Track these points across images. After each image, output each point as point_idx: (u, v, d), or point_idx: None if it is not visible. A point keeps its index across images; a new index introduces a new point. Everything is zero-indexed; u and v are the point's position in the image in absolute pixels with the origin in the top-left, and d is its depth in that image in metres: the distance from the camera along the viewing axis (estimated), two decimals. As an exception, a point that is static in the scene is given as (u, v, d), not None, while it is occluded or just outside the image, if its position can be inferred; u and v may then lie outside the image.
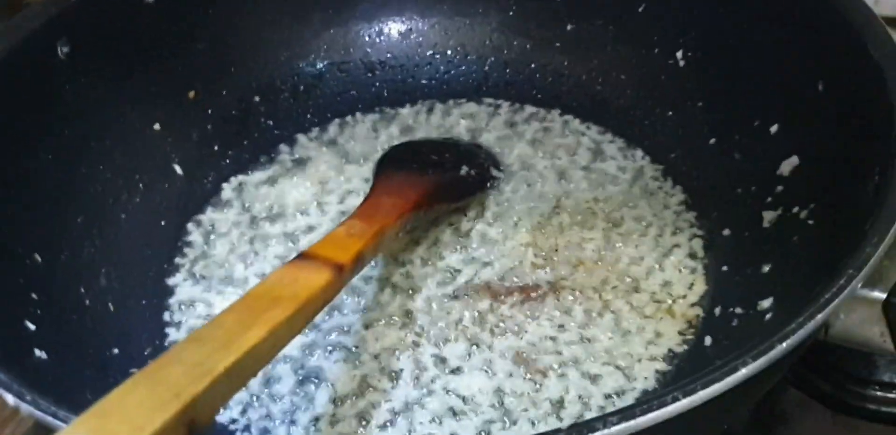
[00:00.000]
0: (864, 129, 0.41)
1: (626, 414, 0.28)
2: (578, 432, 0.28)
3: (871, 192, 0.37)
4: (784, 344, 0.30)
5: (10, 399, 0.32)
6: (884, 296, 0.36)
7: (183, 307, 0.53)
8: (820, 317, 0.31)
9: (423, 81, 0.64)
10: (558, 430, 0.28)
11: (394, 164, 0.55)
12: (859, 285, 0.32)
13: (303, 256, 0.41)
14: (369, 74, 0.65)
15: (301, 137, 0.62)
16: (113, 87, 0.55)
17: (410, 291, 0.51)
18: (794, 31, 0.47)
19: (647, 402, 0.28)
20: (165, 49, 0.58)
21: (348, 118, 0.63)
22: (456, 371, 0.47)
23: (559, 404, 0.45)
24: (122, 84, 0.56)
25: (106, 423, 0.27)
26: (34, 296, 0.44)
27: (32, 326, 0.42)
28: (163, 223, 0.56)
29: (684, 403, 0.28)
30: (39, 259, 0.47)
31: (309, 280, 0.38)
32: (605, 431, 0.28)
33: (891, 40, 0.40)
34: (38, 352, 0.41)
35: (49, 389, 0.33)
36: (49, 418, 0.31)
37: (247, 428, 0.46)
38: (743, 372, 0.29)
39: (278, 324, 0.35)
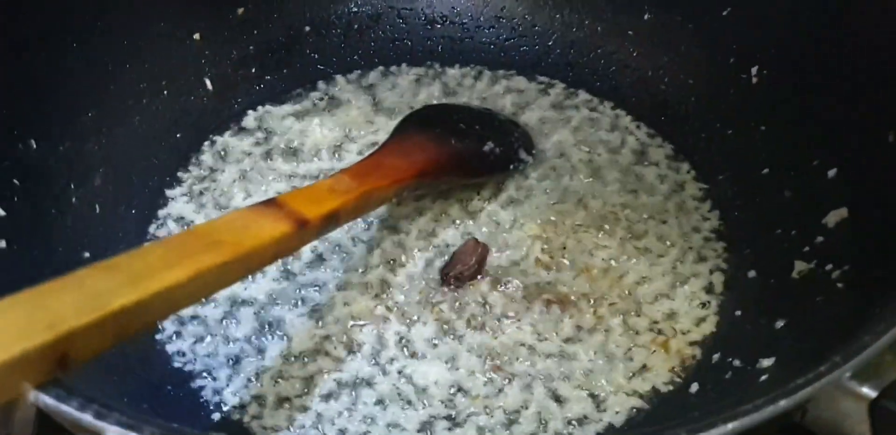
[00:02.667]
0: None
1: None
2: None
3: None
4: (729, 425, 0.25)
5: None
6: (874, 394, 0.29)
7: (170, 222, 0.47)
8: (783, 403, 0.26)
9: (481, 44, 0.57)
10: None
11: (416, 124, 0.48)
12: (847, 376, 0.27)
13: (270, 202, 0.35)
14: (428, 26, 0.57)
15: (340, 78, 0.55)
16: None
17: (395, 262, 0.45)
18: (879, 75, 0.39)
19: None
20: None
21: (393, 68, 0.56)
22: (417, 356, 0.41)
23: (514, 418, 0.39)
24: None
25: None
26: (16, 182, 0.39)
27: (2, 212, 0.38)
28: (178, 136, 0.51)
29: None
30: (34, 145, 0.41)
31: (262, 229, 0.32)
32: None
33: None
34: (-3, 240, 0.36)
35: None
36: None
37: (191, 362, 0.41)
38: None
39: (207, 269, 0.29)
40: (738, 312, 0.42)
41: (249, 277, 0.43)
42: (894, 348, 0.28)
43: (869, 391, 0.29)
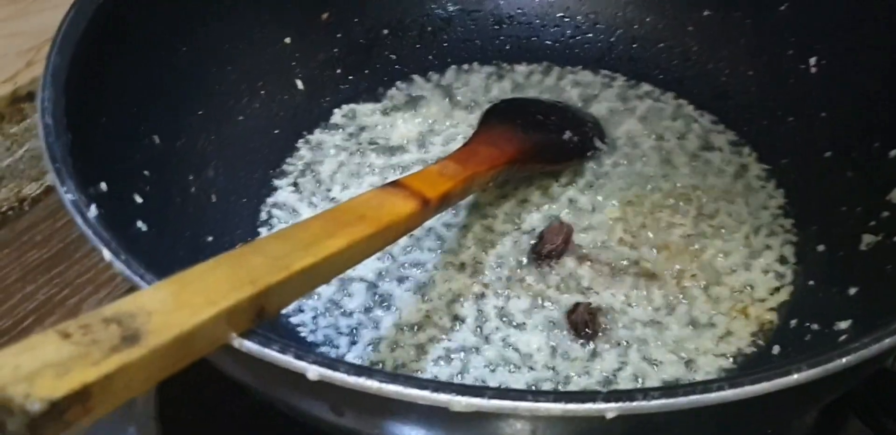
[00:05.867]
0: None
1: (667, 392, 0.26)
2: (616, 398, 0.26)
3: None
4: (844, 359, 0.27)
5: (107, 254, 0.31)
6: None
7: (277, 210, 0.51)
8: (888, 341, 0.28)
9: (547, 42, 0.60)
10: (597, 392, 0.26)
11: (499, 116, 0.52)
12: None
13: (395, 184, 0.38)
14: (496, 27, 0.61)
15: (417, 78, 0.58)
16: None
17: (486, 243, 0.48)
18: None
19: (691, 385, 0.26)
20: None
21: (465, 66, 0.59)
22: (517, 326, 0.44)
23: (612, 378, 0.42)
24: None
25: (185, 290, 0.26)
26: (146, 173, 0.43)
27: (140, 199, 0.41)
28: (276, 132, 0.54)
29: (727, 394, 0.26)
30: (158, 140, 0.45)
31: (395, 206, 0.36)
32: (643, 402, 0.26)
33: None
34: (139, 223, 0.40)
35: (142, 257, 0.32)
36: (136, 279, 0.30)
37: (313, 332, 0.45)
38: (794, 377, 0.26)
39: (358, 239, 0.33)
40: (811, 282, 0.44)
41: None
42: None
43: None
